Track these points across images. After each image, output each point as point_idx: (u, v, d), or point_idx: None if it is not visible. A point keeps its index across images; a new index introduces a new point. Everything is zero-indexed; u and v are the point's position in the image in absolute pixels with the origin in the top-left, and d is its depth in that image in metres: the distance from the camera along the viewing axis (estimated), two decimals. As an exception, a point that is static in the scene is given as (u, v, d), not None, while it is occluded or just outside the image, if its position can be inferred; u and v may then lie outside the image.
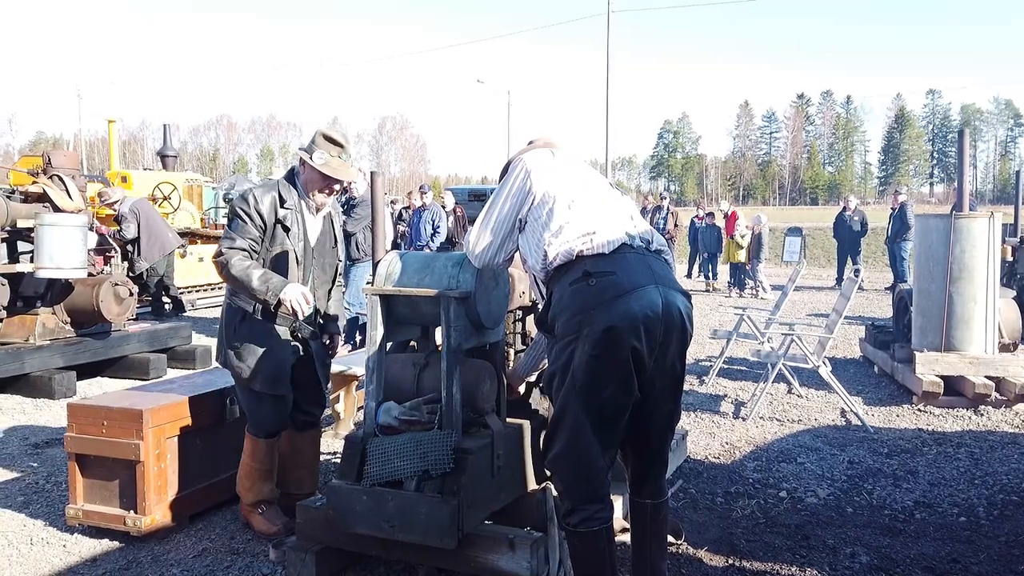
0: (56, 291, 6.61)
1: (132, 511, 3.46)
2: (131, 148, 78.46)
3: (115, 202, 9.64)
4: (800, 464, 4.52)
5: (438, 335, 2.83)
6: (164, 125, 16.31)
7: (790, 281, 7.16)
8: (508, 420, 3.01)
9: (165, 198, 13.27)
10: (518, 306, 3.19)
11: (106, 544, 3.45)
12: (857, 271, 6.09)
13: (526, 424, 3.03)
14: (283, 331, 3.44)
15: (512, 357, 3.21)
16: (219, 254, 3.29)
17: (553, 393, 2.44)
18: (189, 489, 3.64)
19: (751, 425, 5.38)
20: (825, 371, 5.50)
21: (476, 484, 2.67)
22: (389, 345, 3.02)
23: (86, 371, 6.80)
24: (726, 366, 7.07)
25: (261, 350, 3.38)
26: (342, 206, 8.26)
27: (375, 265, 2.92)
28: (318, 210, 3.48)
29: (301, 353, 3.51)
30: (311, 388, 3.61)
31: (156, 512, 3.47)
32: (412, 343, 3.21)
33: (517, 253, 2.72)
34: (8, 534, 3.58)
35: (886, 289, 14.63)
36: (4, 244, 6.68)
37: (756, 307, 10.61)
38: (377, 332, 2.80)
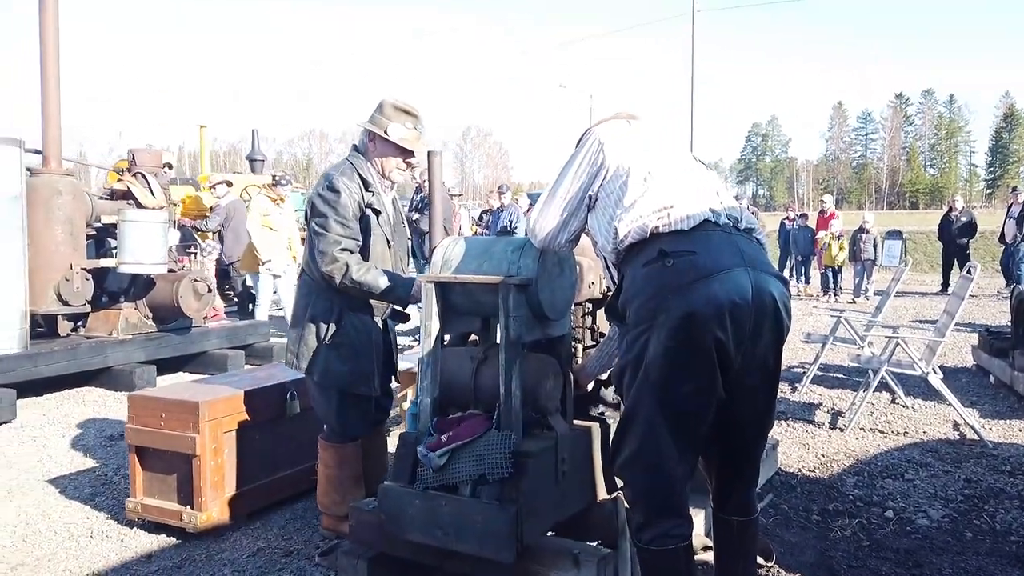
0: (139, 286, 6.73)
1: (189, 507, 3.36)
2: (231, 158, 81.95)
3: (215, 186, 10.27)
4: (908, 481, 4.05)
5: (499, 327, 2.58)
6: (252, 130, 16.63)
7: (894, 281, 6.60)
8: (576, 422, 2.74)
9: (252, 200, 13.59)
10: (587, 298, 2.92)
11: (163, 540, 3.36)
12: (971, 269, 5.50)
13: (595, 426, 2.75)
14: (377, 322, 3.17)
15: (580, 353, 2.93)
16: (333, 259, 2.93)
17: (624, 390, 2.15)
18: (247, 486, 3.52)
19: (850, 436, 4.91)
20: (936, 379, 4.97)
21: (537, 491, 2.41)
22: (448, 339, 2.81)
23: (167, 366, 6.91)
24: (821, 372, 6.56)
25: (364, 351, 3.11)
26: (417, 204, 8.17)
27: (431, 251, 2.70)
28: (391, 187, 3.27)
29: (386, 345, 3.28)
30: (388, 379, 3.37)
31: (212, 508, 3.36)
32: (474, 337, 2.97)
33: (586, 238, 2.45)
34: (71, 526, 3.55)
35: (999, 294, 13.55)
36: (92, 240, 6.87)
37: (854, 310, 9.92)
38: (432, 323, 2.57)
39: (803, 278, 15.13)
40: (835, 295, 13.89)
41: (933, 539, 3.31)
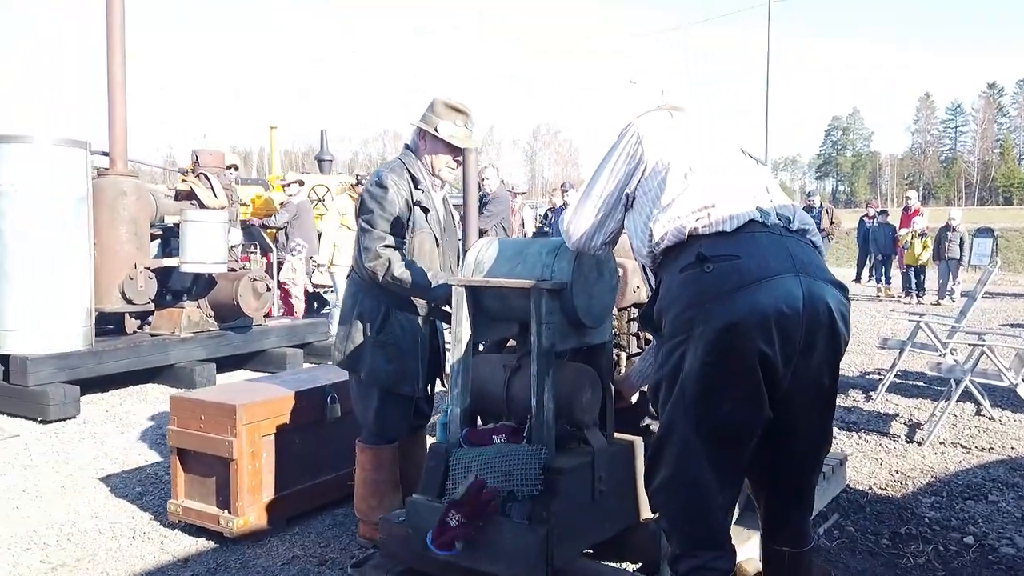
0: (201, 285, 6.84)
1: (226, 511, 3.32)
2: (308, 157, 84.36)
3: (289, 185, 10.46)
4: (992, 503, 3.70)
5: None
6: (321, 131, 16.92)
7: (980, 284, 6.13)
8: (618, 435, 2.56)
9: (320, 199, 13.81)
10: (631, 303, 2.74)
11: (201, 544, 3.34)
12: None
13: (637, 441, 2.57)
14: (421, 322, 3.14)
15: (624, 362, 2.75)
16: (376, 256, 2.92)
17: (659, 407, 1.97)
18: (286, 490, 3.47)
19: (928, 451, 4.55)
20: (1026, 391, 4.56)
21: (571, 511, 2.25)
22: (487, 344, 2.68)
23: (228, 364, 7.00)
24: (898, 380, 6.15)
25: (410, 350, 3.08)
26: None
27: (465, 252, 2.57)
28: (442, 186, 3.23)
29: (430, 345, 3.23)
30: (430, 384, 3.31)
31: (250, 513, 3.31)
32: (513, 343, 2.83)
33: (627, 239, 2.27)
34: (116, 526, 3.57)
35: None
36: (156, 240, 7.03)
37: (936, 314, 9.33)
38: (463, 329, 2.44)
39: (883, 278, 14.43)
40: (918, 296, 13.18)
41: (1018, 570, 2.99)
